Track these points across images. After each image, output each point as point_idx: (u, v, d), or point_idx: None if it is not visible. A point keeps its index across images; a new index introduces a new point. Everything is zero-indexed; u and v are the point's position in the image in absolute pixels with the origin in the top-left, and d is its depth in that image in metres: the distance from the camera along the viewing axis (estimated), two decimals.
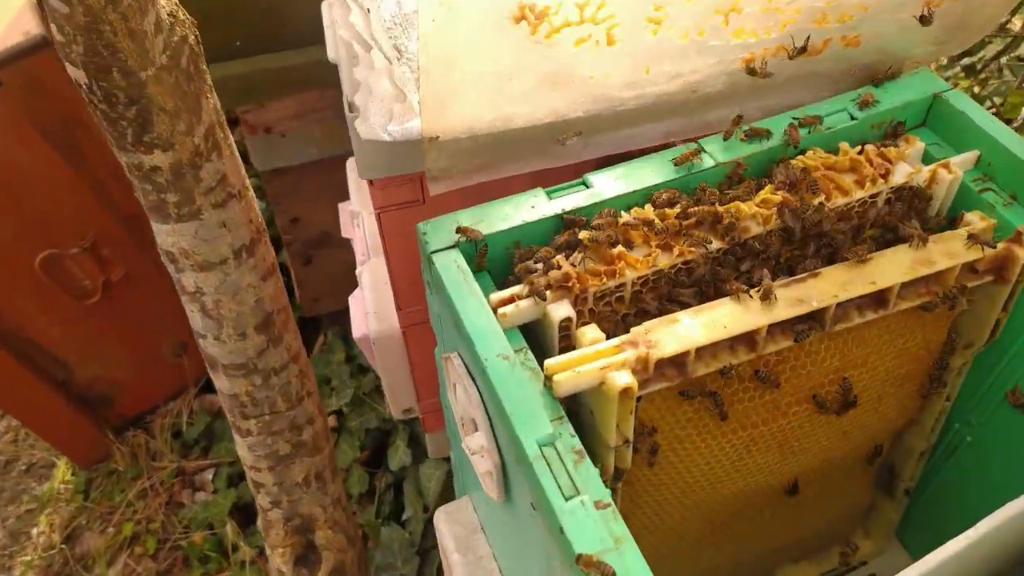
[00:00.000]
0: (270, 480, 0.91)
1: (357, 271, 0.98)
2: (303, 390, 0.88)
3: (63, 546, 1.56)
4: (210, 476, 1.59)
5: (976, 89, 1.42)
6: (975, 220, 0.64)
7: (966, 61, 1.43)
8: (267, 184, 1.36)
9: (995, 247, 0.61)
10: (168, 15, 0.62)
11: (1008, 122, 1.12)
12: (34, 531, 1.60)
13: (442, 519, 0.77)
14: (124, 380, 1.60)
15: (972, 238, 0.61)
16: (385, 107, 0.58)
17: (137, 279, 1.46)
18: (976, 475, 0.77)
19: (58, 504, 1.63)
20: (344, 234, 1.09)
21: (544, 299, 0.56)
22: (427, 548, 1.23)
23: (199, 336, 0.79)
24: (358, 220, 1.01)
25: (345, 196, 1.16)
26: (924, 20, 0.62)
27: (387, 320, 0.90)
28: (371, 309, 0.92)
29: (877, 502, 0.86)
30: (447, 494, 1.26)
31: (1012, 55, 1.34)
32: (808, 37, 0.63)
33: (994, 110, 1.25)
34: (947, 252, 0.61)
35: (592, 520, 0.46)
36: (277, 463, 0.89)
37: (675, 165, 0.64)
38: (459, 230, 0.59)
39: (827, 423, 0.68)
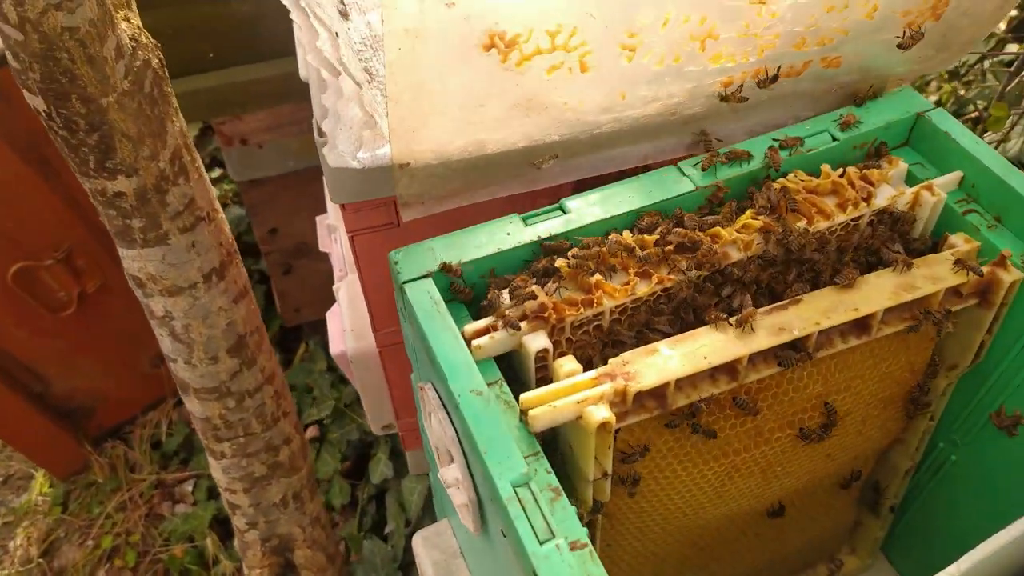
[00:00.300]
0: (246, 502, 0.89)
1: (335, 287, 0.96)
2: (279, 411, 0.86)
3: (41, 560, 1.53)
4: (190, 488, 1.57)
5: (961, 92, 1.42)
6: (959, 243, 0.63)
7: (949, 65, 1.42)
8: (244, 194, 1.34)
9: (981, 274, 0.60)
10: (130, 39, 0.60)
11: (985, 132, 1.12)
12: (11, 544, 1.58)
13: (420, 544, 0.76)
14: (102, 391, 1.58)
15: (959, 263, 0.60)
16: (354, 134, 0.57)
17: (113, 290, 1.44)
18: (961, 493, 0.76)
19: (36, 517, 1.60)
20: (322, 248, 1.07)
21: (517, 330, 0.54)
22: (409, 562, 1.22)
23: (170, 360, 0.78)
24: (335, 235, 0.99)
25: (323, 208, 1.14)
26: (903, 47, 0.60)
27: (365, 338, 0.88)
28: (348, 326, 0.90)
29: (862, 519, 0.85)
30: (429, 508, 1.25)
31: (995, 59, 1.33)
32: (779, 68, 0.61)
33: (976, 114, 1.25)
34: (931, 276, 0.61)
35: (567, 564, 0.45)
36: (253, 485, 0.88)
37: (702, 170, 0.63)
38: (443, 267, 0.57)
39: (810, 447, 0.67)
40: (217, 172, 1.95)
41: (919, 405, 0.70)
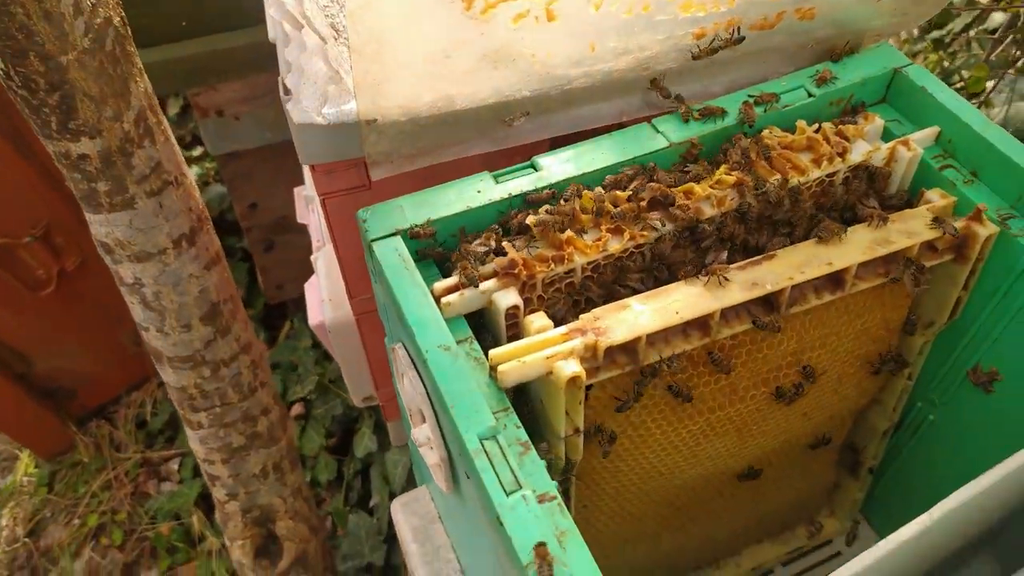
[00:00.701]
0: (225, 472, 0.88)
1: (312, 257, 0.95)
2: (256, 381, 0.85)
3: (27, 539, 1.53)
4: (176, 466, 1.56)
5: (945, 63, 1.41)
6: (935, 198, 0.63)
7: (935, 35, 1.41)
8: (223, 168, 1.32)
9: (956, 233, 0.59)
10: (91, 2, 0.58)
11: (974, 96, 1.11)
12: None
13: (399, 510, 0.75)
14: (85, 371, 1.57)
15: (936, 222, 0.59)
16: (319, 89, 0.56)
17: (93, 267, 1.42)
18: (940, 453, 0.76)
19: (21, 497, 1.60)
20: (300, 220, 1.06)
21: (476, 286, 0.54)
22: (395, 535, 1.22)
23: (142, 328, 0.77)
24: (312, 205, 0.98)
25: (302, 180, 1.13)
26: None
27: (343, 307, 0.88)
28: (326, 296, 0.90)
29: (841, 481, 0.85)
30: (413, 480, 1.25)
31: (980, 28, 1.32)
32: (738, 28, 0.60)
33: (962, 83, 1.24)
34: (906, 231, 0.60)
35: (534, 515, 0.44)
36: (231, 455, 0.87)
37: (695, 120, 0.63)
38: (412, 235, 0.57)
39: (786, 405, 0.66)
40: (199, 150, 1.93)
41: (896, 363, 0.70)
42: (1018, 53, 1.18)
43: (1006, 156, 0.61)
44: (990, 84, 1.23)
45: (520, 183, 0.60)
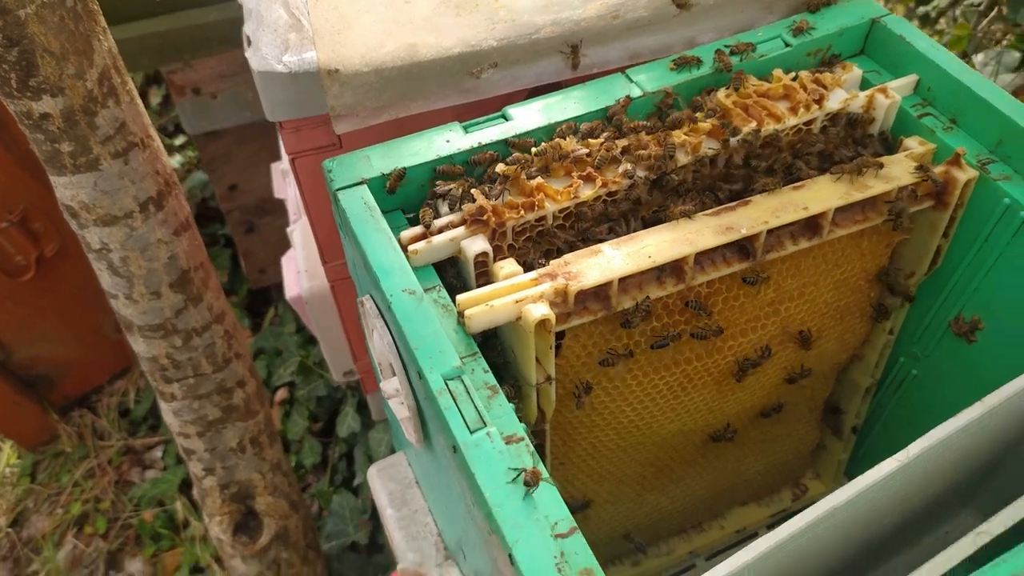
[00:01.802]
0: (201, 446, 0.87)
1: (288, 229, 0.94)
2: (230, 351, 0.84)
3: (9, 530, 1.51)
4: (159, 454, 1.54)
5: (935, 39, 1.41)
6: (914, 145, 0.62)
7: (922, 10, 1.41)
8: (201, 150, 1.31)
9: (938, 181, 0.58)
10: None
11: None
12: None
13: (375, 475, 0.74)
14: (65, 359, 1.55)
15: (920, 170, 0.58)
16: (279, 37, 0.54)
17: (72, 254, 1.40)
18: (923, 409, 0.75)
19: (3, 488, 1.58)
20: (277, 194, 1.05)
21: (427, 227, 0.53)
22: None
23: (111, 296, 0.75)
24: (289, 178, 0.97)
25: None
26: None
27: (318, 277, 0.86)
28: (302, 267, 0.88)
29: (825, 442, 0.84)
30: None
31: (967, 3, 1.32)
32: None
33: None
34: (884, 176, 0.59)
35: (498, 452, 0.43)
36: (207, 428, 0.86)
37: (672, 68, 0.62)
38: (390, 190, 0.55)
39: (766, 359, 0.65)
40: (181, 139, 1.91)
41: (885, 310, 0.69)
42: (1004, 26, 1.17)
43: (985, 100, 0.60)
44: (979, 58, 1.23)
45: (490, 133, 0.59)
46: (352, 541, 1.16)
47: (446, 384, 0.46)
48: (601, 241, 0.57)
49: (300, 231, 0.92)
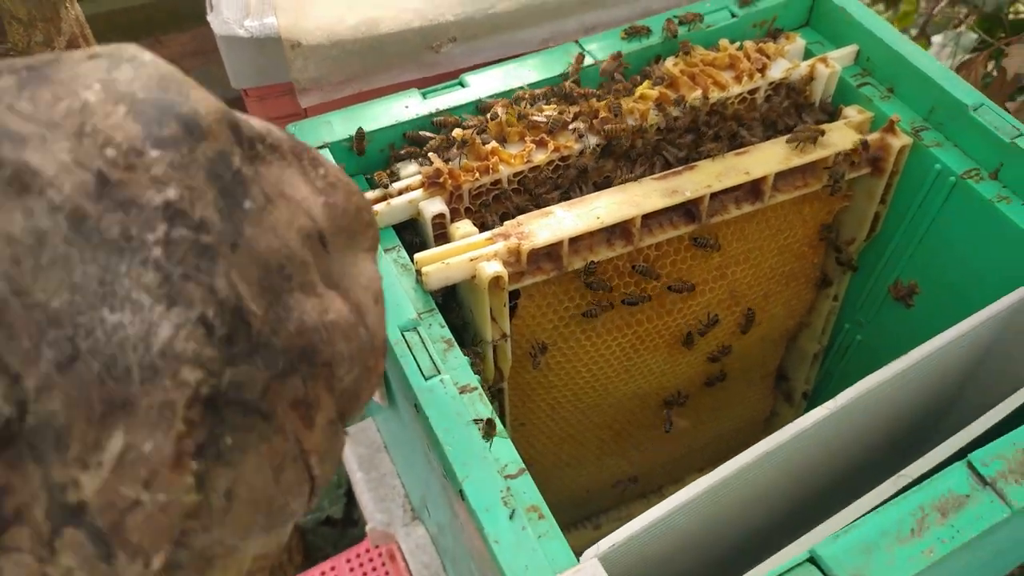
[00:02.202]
0: None
1: None
2: None
3: None
4: None
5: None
6: (853, 114, 0.65)
7: None
8: None
9: (868, 147, 0.61)
10: None
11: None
12: None
13: (346, 440, 0.76)
14: None
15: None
16: (241, 1, 0.56)
17: None
18: (869, 374, 0.79)
19: None
20: None
21: (386, 188, 0.55)
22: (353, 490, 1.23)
23: None
24: None
25: None
26: None
27: None
28: None
29: (778, 408, 0.87)
30: None
31: None
32: None
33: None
34: (821, 143, 0.62)
35: (451, 397, 0.46)
36: None
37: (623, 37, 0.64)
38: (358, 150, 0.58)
39: (717, 323, 0.68)
40: None
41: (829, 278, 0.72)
42: (968, 8, 1.21)
43: (919, 70, 0.63)
44: (938, 38, 1.27)
45: (447, 99, 0.61)
46: (327, 516, 1.18)
47: (403, 335, 0.48)
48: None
49: None
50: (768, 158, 0.60)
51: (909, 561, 0.38)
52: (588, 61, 0.64)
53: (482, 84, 0.62)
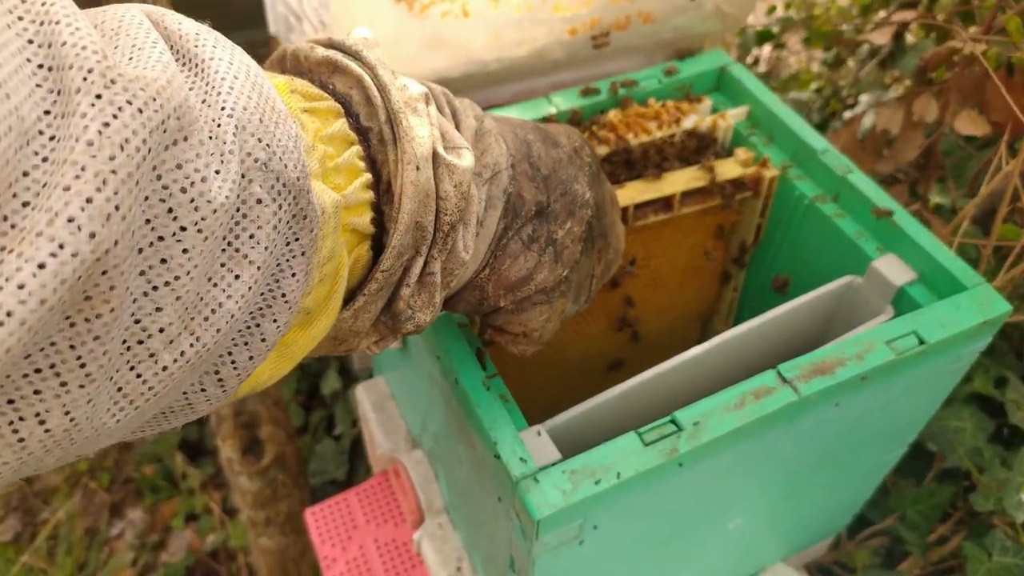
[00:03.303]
0: None
1: None
2: None
3: (22, 483, 1.71)
4: None
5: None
6: (741, 153, 0.90)
7: (825, 57, 1.73)
8: None
9: (760, 193, 0.86)
10: None
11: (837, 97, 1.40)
12: None
13: (362, 391, 0.99)
14: None
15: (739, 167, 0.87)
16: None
17: None
18: None
19: None
20: None
21: None
22: (356, 457, 1.45)
23: None
24: None
25: None
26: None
27: None
28: None
29: None
30: None
31: (856, 54, 1.64)
32: (607, 33, 0.88)
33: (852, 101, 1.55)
34: (719, 172, 0.87)
35: (455, 329, 0.69)
36: None
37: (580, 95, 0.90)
38: None
39: (642, 300, 0.92)
40: None
41: (728, 274, 0.97)
42: (898, 72, 1.49)
43: (787, 125, 0.88)
44: (864, 97, 1.54)
45: None
46: (333, 478, 1.39)
47: None
48: None
49: None
50: (678, 181, 0.85)
51: (731, 422, 0.62)
52: (552, 111, 0.89)
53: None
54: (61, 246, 0.26)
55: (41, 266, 0.25)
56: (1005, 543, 1.00)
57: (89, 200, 0.26)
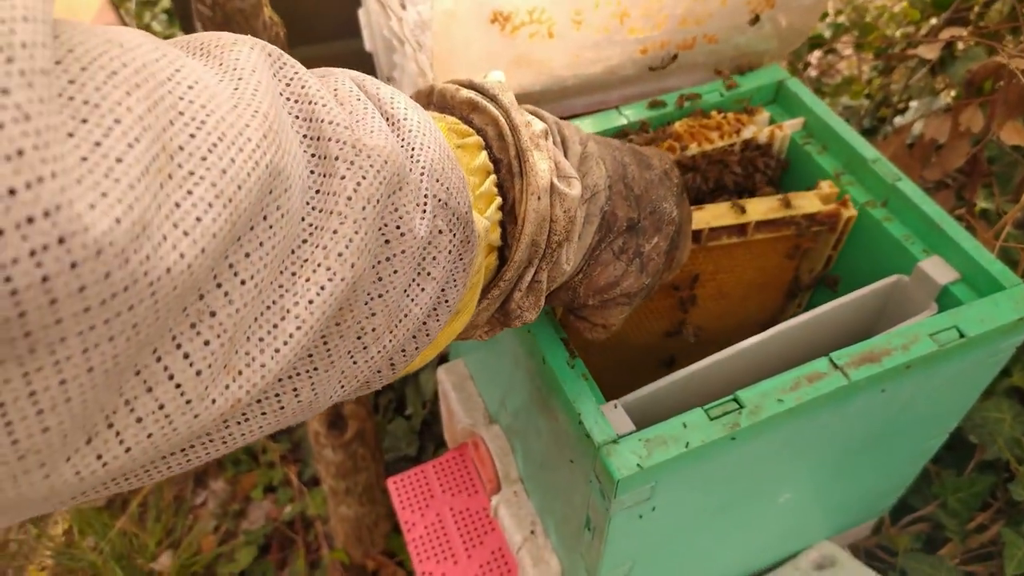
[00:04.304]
0: None
1: None
2: None
3: None
4: None
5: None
6: (825, 187, 0.96)
7: (879, 65, 1.78)
8: None
9: (836, 229, 0.93)
10: (268, 17, 0.94)
11: (884, 103, 1.46)
12: None
13: (443, 371, 1.10)
14: None
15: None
16: (411, 80, 0.91)
17: None
18: None
19: None
20: None
21: None
22: (425, 435, 1.56)
23: None
24: None
25: None
26: (752, 22, 0.96)
27: None
28: None
29: None
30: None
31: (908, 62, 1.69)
32: (675, 56, 0.96)
33: (903, 104, 1.61)
34: (797, 205, 0.93)
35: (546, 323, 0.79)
36: None
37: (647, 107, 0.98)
38: None
39: (705, 308, 1.01)
40: None
41: (791, 296, 1.04)
42: (945, 78, 1.54)
43: (840, 136, 0.96)
44: (915, 103, 1.60)
45: None
46: (404, 454, 1.51)
47: None
48: None
49: None
50: (755, 210, 0.92)
51: (787, 402, 0.71)
52: (624, 122, 0.98)
53: None
54: (335, 273, 0.36)
55: (322, 288, 0.36)
56: None
57: (351, 240, 0.37)
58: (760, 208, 0.91)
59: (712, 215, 0.90)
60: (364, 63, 1.07)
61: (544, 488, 0.93)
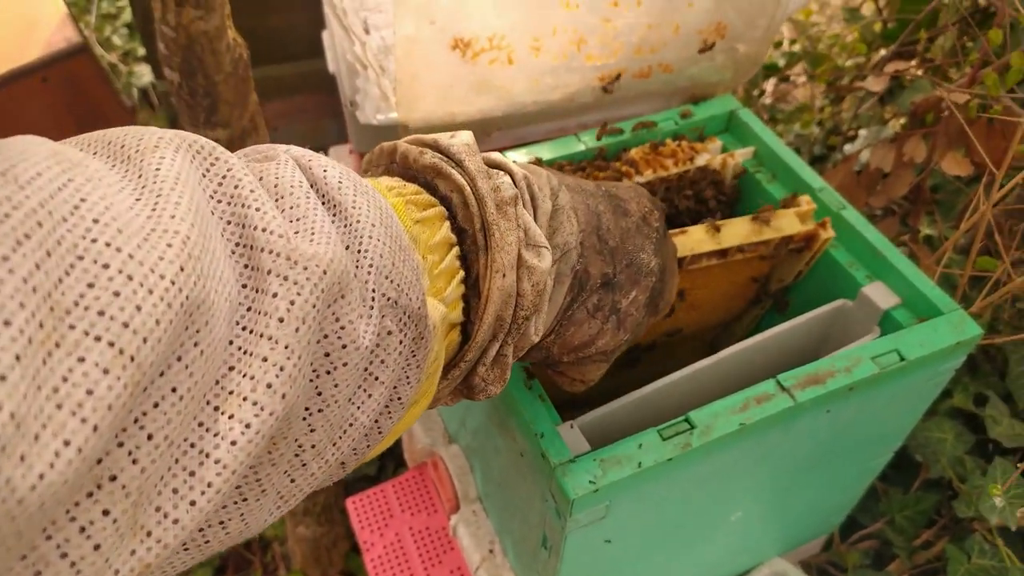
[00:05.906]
0: None
1: None
2: None
3: None
4: None
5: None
6: (803, 203, 0.98)
7: (832, 96, 1.85)
8: None
9: (812, 248, 0.95)
10: (232, 39, 0.95)
11: (833, 132, 1.52)
12: None
13: None
14: None
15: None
16: (375, 104, 0.93)
17: None
18: None
19: None
20: None
21: None
22: (385, 455, 1.56)
23: None
24: None
25: None
26: (702, 51, 0.99)
27: None
28: None
29: None
30: None
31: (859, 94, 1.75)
32: (619, 75, 0.99)
33: (852, 132, 1.67)
34: (775, 227, 0.95)
35: None
36: None
37: (596, 139, 0.99)
38: None
39: (675, 317, 1.03)
40: None
41: (757, 303, 1.07)
42: (893, 108, 1.60)
43: (788, 164, 1.00)
44: (863, 132, 1.65)
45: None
46: (364, 473, 1.50)
47: None
48: None
49: None
50: (736, 234, 0.94)
51: (736, 422, 0.73)
52: (581, 148, 1.01)
53: (519, 158, 0.98)
54: (262, 408, 0.32)
55: (247, 426, 0.32)
56: (983, 546, 1.10)
57: (282, 368, 0.33)
58: (741, 232, 0.92)
59: (694, 240, 0.91)
60: (330, 83, 1.08)
61: (502, 507, 0.94)
